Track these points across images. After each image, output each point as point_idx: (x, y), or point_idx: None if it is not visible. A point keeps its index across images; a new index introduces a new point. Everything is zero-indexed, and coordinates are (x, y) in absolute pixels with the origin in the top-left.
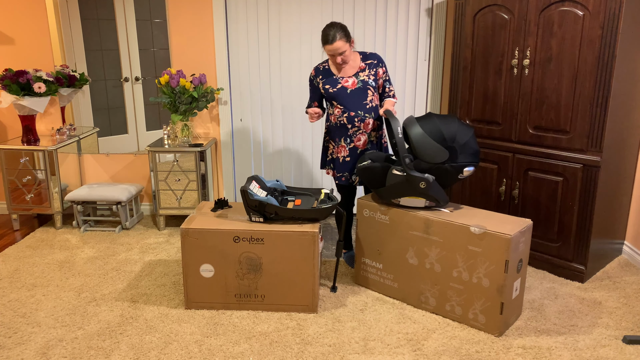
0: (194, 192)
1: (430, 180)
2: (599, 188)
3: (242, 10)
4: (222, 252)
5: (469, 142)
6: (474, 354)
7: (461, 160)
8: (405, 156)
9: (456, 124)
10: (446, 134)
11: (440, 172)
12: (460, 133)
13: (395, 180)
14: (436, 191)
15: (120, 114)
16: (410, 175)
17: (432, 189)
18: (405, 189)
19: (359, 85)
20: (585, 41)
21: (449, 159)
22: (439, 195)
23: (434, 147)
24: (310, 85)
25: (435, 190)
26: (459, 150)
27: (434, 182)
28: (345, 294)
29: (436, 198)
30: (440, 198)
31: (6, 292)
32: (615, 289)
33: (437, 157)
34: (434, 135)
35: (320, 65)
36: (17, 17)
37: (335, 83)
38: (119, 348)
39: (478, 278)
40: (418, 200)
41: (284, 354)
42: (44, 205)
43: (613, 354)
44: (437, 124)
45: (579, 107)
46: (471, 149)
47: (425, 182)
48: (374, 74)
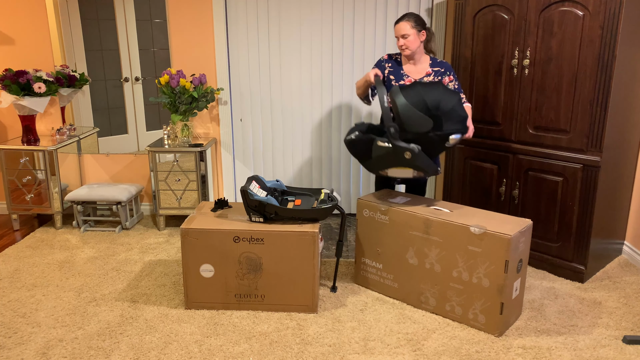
0: (194, 192)
1: (416, 150)
2: (599, 188)
3: (242, 11)
4: (222, 252)
5: (455, 109)
6: (474, 354)
7: (447, 128)
8: (390, 126)
9: (439, 91)
10: (429, 102)
11: (426, 141)
12: (444, 100)
13: (381, 151)
14: (423, 161)
15: (120, 114)
16: (395, 145)
17: (419, 159)
18: (391, 160)
19: None
20: (585, 41)
21: (434, 128)
22: (426, 165)
23: (418, 116)
24: (376, 65)
25: (422, 160)
26: (443, 118)
27: (419, 152)
28: (345, 294)
29: (423, 168)
30: (428, 168)
31: (6, 292)
32: (615, 289)
33: (421, 126)
34: (417, 104)
35: (394, 55)
36: (17, 17)
37: (400, 77)
38: (119, 348)
39: (478, 278)
40: (406, 171)
41: (284, 354)
42: (44, 205)
43: (613, 354)
44: (420, 93)
45: (579, 107)
46: (457, 115)
47: (410, 153)
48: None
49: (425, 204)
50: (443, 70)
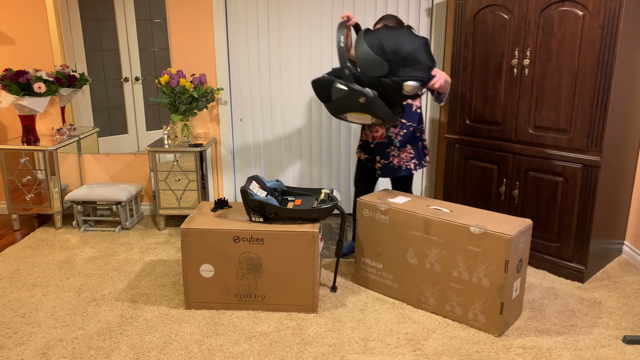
0: (194, 192)
1: (370, 94)
2: (599, 188)
3: (242, 10)
4: (222, 252)
5: (414, 54)
6: (474, 354)
7: (403, 74)
8: (345, 67)
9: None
10: (386, 45)
11: (382, 87)
12: (402, 44)
13: (339, 94)
14: (379, 107)
15: (120, 114)
16: (350, 88)
17: (374, 105)
18: (348, 104)
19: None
20: (585, 41)
21: (390, 73)
22: (382, 112)
23: (374, 59)
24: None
25: (378, 106)
26: (401, 63)
27: (375, 97)
28: (345, 294)
29: (380, 115)
30: (385, 115)
31: (6, 292)
32: (615, 289)
33: (376, 70)
34: (375, 47)
35: None
36: (17, 17)
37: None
38: (119, 348)
39: (478, 278)
40: (364, 117)
41: (284, 354)
42: (44, 205)
43: (613, 354)
44: (379, 36)
45: (579, 107)
46: (416, 62)
47: (364, 97)
48: None
49: (425, 204)
50: None
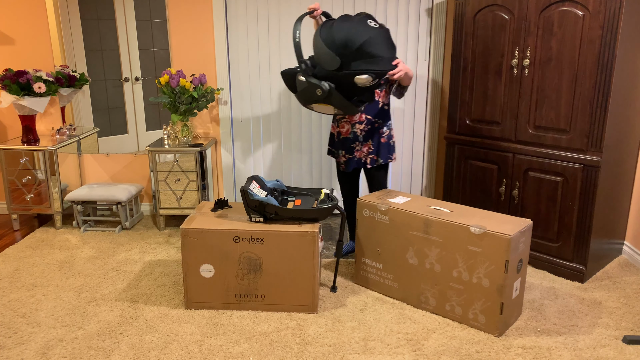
0: (194, 192)
1: (325, 87)
2: (599, 188)
3: (242, 10)
4: (222, 252)
5: (365, 46)
6: (474, 354)
7: (355, 67)
8: (301, 61)
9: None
10: (337, 38)
11: (337, 80)
12: (352, 37)
13: (301, 86)
14: (337, 100)
15: (120, 114)
16: (308, 81)
17: (331, 97)
18: (309, 96)
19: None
20: (585, 41)
21: (343, 66)
22: (339, 104)
23: (323, 52)
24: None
25: (335, 99)
26: (351, 56)
27: (332, 90)
28: (345, 294)
29: (339, 107)
30: (342, 107)
31: (6, 292)
32: (615, 289)
33: (329, 64)
34: (328, 41)
35: None
36: (17, 17)
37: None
38: (119, 348)
39: (478, 278)
40: (327, 107)
41: (284, 354)
42: (44, 205)
43: (613, 354)
44: (332, 29)
45: (579, 107)
46: (368, 54)
47: (320, 90)
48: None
49: (425, 204)
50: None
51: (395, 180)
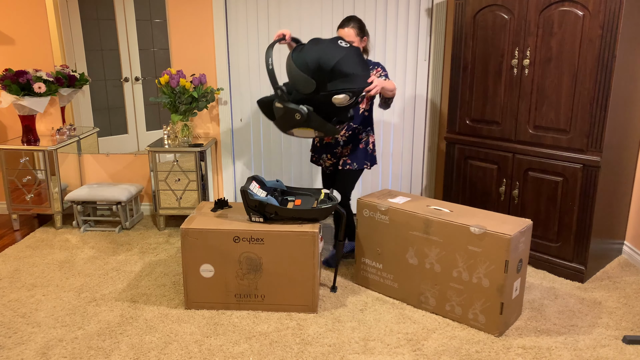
0: (194, 192)
1: (304, 111)
2: (599, 188)
3: (242, 10)
4: (222, 252)
5: (339, 66)
6: (474, 354)
7: (331, 88)
8: (277, 88)
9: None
10: (309, 60)
11: (315, 103)
12: (324, 58)
13: (279, 113)
14: (317, 122)
15: (120, 114)
16: (285, 107)
17: (311, 120)
18: (289, 121)
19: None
20: (585, 41)
21: (319, 88)
22: (320, 126)
23: (299, 76)
24: None
25: (315, 121)
26: (327, 77)
27: (311, 113)
28: (345, 294)
29: (320, 129)
30: (325, 130)
31: (6, 292)
32: (615, 289)
33: (305, 87)
34: (300, 64)
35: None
36: (17, 17)
37: None
38: (119, 348)
39: (478, 278)
40: (308, 131)
41: (284, 354)
42: (44, 205)
43: (613, 354)
44: (304, 52)
45: (579, 107)
46: (343, 74)
47: (299, 114)
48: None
49: (425, 204)
50: (371, 67)
51: (395, 180)
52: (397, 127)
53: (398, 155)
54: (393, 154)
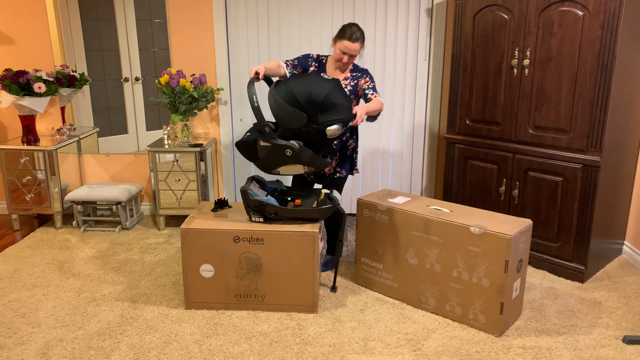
0: (194, 192)
1: (295, 146)
2: (599, 188)
3: (242, 10)
4: (222, 252)
5: (329, 98)
6: (474, 354)
7: (323, 120)
8: (264, 125)
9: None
10: (298, 94)
11: (306, 136)
12: (314, 91)
13: (265, 151)
14: (308, 157)
15: (120, 114)
16: (274, 144)
17: (302, 155)
18: (276, 159)
19: None
20: (585, 41)
21: (310, 121)
22: (312, 161)
23: (290, 112)
24: (302, 57)
25: (307, 156)
26: (318, 109)
27: (301, 147)
28: (345, 294)
29: (310, 163)
30: (315, 163)
31: (6, 292)
32: (615, 289)
33: (295, 121)
34: (288, 99)
35: (321, 57)
36: (17, 17)
37: None
38: (119, 348)
39: (478, 278)
40: (296, 168)
41: (284, 354)
42: (44, 205)
43: (613, 354)
44: (290, 86)
45: (579, 107)
46: (333, 105)
47: (290, 150)
48: (354, 85)
49: (425, 204)
50: (360, 75)
51: (396, 180)
52: (397, 127)
53: (398, 155)
54: (393, 154)
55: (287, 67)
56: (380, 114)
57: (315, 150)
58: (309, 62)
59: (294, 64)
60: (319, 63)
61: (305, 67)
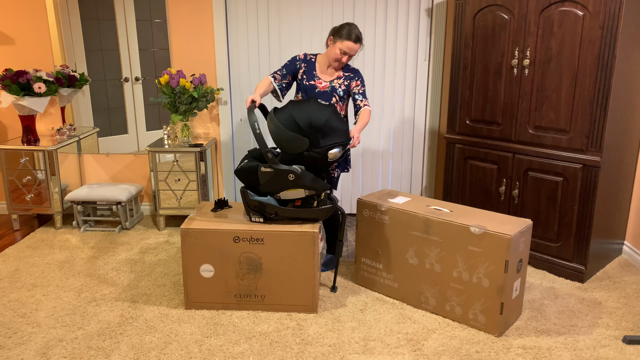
0: (194, 192)
1: (298, 171)
2: (599, 188)
3: (242, 10)
4: (222, 252)
5: (329, 122)
6: (474, 354)
7: (324, 144)
8: (267, 151)
9: (310, 107)
10: (300, 120)
11: (308, 160)
12: (314, 116)
13: (267, 177)
14: (309, 180)
15: (120, 114)
16: (276, 169)
17: (304, 179)
18: (278, 184)
19: (327, 89)
20: (585, 41)
21: (312, 145)
22: (314, 184)
23: (292, 137)
24: (289, 62)
25: (308, 180)
26: (319, 134)
27: (303, 172)
28: (345, 294)
29: (312, 187)
30: (316, 186)
31: (6, 292)
32: (615, 289)
33: (297, 146)
34: (289, 125)
35: (309, 56)
36: (17, 17)
37: (311, 77)
38: (119, 348)
39: (478, 278)
40: (297, 192)
41: (284, 354)
42: (44, 205)
43: (613, 354)
44: (291, 112)
45: (579, 107)
46: (333, 129)
47: (293, 174)
48: (347, 85)
49: (425, 204)
50: (352, 76)
51: (395, 180)
52: (397, 126)
53: (398, 155)
54: (393, 154)
55: (276, 81)
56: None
57: (315, 174)
58: (296, 65)
59: (282, 73)
60: (307, 63)
61: (294, 72)
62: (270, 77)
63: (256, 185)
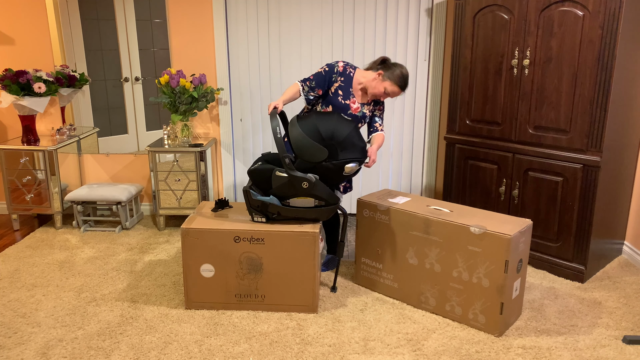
0: (194, 192)
1: (313, 180)
2: (599, 188)
3: (242, 10)
4: (222, 252)
5: (350, 137)
6: (474, 354)
7: (342, 157)
8: (285, 156)
9: (334, 120)
10: (323, 131)
11: (323, 171)
12: (338, 129)
13: (280, 182)
14: (322, 190)
15: (120, 114)
16: (292, 175)
17: (317, 189)
18: (290, 190)
19: (358, 113)
20: (585, 41)
21: (330, 157)
22: (325, 195)
23: (312, 145)
24: (325, 73)
25: (321, 190)
26: (338, 147)
27: (317, 181)
28: (345, 294)
29: (323, 197)
30: (327, 197)
31: (6, 292)
32: (615, 289)
33: (316, 155)
34: (311, 134)
35: (348, 69)
36: (17, 17)
37: (348, 96)
38: (119, 348)
39: (478, 278)
40: (307, 200)
41: (284, 354)
42: (44, 205)
43: (613, 354)
44: (315, 122)
45: (579, 107)
46: (352, 145)
47: (307, 182)
48: (372, 110)
49: (425, 204)
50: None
51: (395, 180)
52: (397, 127)
53: (398, 155)
54: (393, 154)
55: (303, 90)
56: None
57: (328, 185)
58: (332, 78)
59: (311, 85)
60: (345, 77)
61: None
62: (300, 84)
63: (267, 188)
